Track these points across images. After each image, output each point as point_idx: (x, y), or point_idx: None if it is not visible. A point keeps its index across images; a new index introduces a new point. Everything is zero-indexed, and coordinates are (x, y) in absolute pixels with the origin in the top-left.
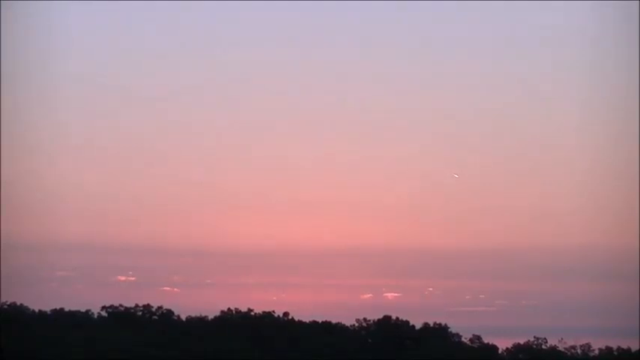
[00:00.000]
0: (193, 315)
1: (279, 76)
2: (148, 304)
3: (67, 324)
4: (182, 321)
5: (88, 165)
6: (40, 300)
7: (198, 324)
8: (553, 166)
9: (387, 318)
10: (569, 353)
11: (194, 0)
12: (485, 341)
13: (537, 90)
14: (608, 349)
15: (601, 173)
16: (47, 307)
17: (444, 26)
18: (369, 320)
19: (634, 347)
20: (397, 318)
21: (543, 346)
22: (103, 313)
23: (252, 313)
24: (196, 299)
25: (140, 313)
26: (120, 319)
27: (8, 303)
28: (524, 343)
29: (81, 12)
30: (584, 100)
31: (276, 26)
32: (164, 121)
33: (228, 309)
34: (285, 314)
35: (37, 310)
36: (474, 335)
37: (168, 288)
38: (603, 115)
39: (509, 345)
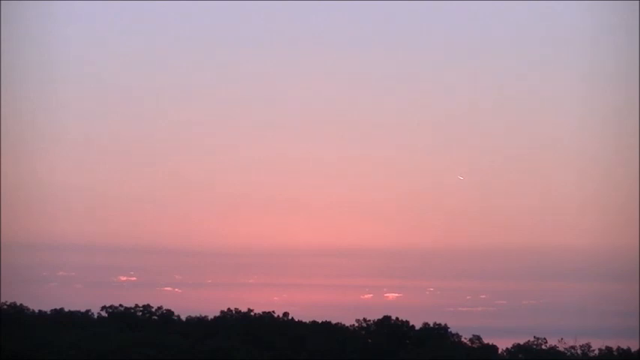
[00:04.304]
0: (193, 315)
1: (278, 77)
2: (148, 304)
3: (67, 324)
4: (182, 321)
5: (88, 165)
6: (40, 300)
7: (198, 324)
8: (553, 166)
9: (387, 318)
10: (569, 353)
11: (193, 0)
12: (485, 341)
13: (537, 90)
14: (608, 349)
15: (601, 173)
16: (47, 307)
17: (444, 26)
18: (369, 320)
19: (634, 347)
20: (397, 318)
21: (543, 346)
22: (103, 313)
23: (252, 313)
24: (196, 299)
25: (140, 313)
26: (120, 319)
27: (8, 303)
28: (524, 343)
29: (81, 12)
30: (584, 100)
31: (276, 27)
32: (164, 121)
33: (228, 309)
34: (285, 314)
35: (37, 310)
36: (473, 335)
37: (168, 288)
38: (603, 115)
39: (509, 345)
